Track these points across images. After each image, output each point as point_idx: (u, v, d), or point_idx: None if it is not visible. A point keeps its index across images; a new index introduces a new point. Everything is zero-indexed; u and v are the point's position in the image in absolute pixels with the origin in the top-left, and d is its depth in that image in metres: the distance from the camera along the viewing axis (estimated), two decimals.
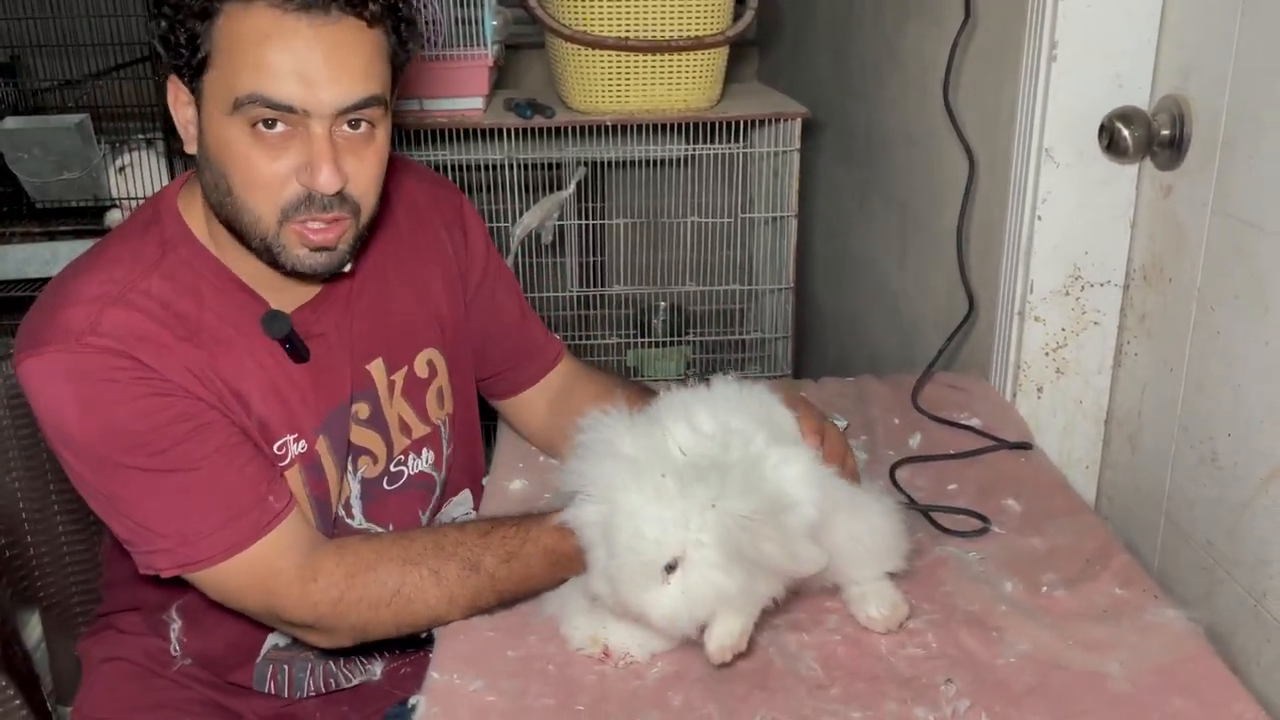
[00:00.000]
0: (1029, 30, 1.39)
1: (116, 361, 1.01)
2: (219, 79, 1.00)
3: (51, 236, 2.14)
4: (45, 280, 1.10)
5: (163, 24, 1.00)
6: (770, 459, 0.93)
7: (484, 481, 1.34)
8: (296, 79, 0.98)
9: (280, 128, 1.00)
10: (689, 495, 0.89)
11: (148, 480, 1.02)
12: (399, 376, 1.23)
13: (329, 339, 1.16)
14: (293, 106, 0.98)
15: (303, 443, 1.14)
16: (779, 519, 0.89)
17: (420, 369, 1.25)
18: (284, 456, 1.13)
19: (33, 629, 1.43)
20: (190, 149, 1.06)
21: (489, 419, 1.44)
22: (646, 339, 2.43)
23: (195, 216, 1.11)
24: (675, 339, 2.40)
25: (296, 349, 1.12)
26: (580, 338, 2.37)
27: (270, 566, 1.04)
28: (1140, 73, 1.35)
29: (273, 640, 1.23)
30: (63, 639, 1.40)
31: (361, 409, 1.20)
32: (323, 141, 1.00)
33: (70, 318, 1.02)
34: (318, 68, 0.98)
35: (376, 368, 1.21)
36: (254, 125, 0.99)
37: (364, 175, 1.05)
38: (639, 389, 1.40)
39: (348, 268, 1.12)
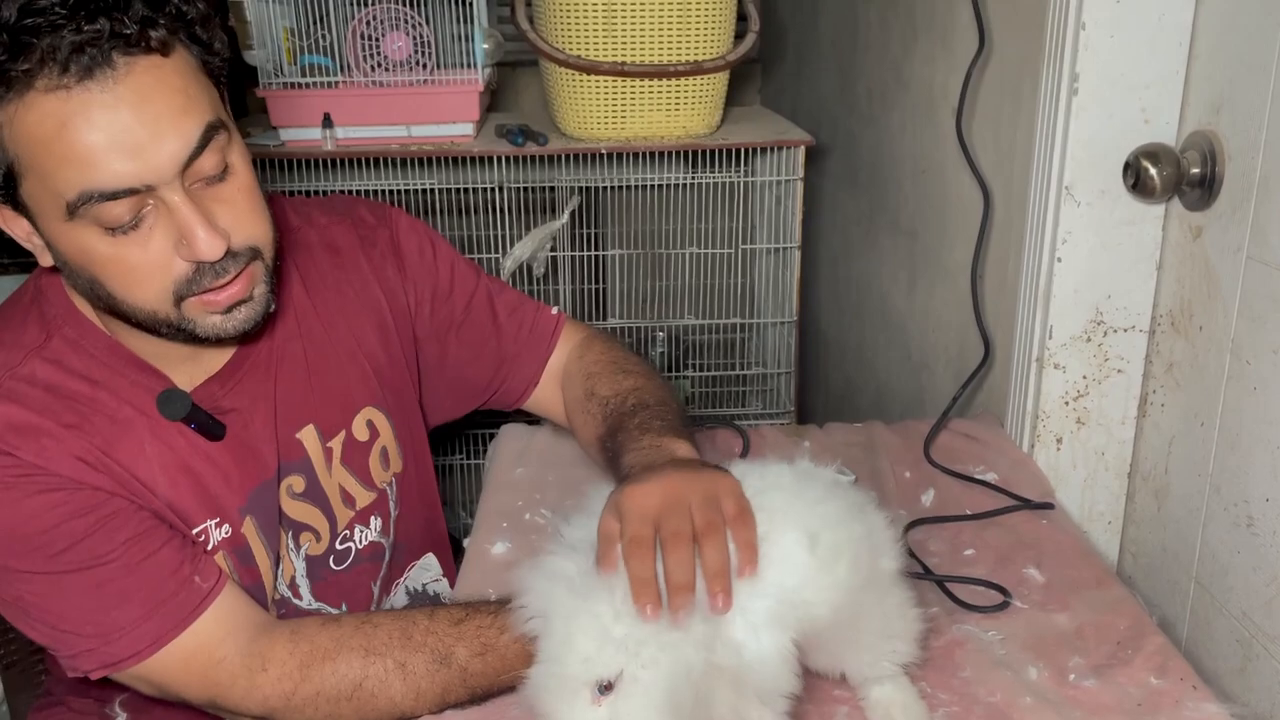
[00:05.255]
0: (1047, 61, 1.30)
1: None
2: (37, 188, 0.85)
3: None
4: None
5: None
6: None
7: (465, 543, 1.25)
8: (120, 154, 0.82)
9: (129, 218, 0.86)
10: (652, 626, 0.78)
11: (52, 583, 0.92)
12: (336, 443, 1.12)
13: (244, 412, 1.05)
14: (132, 188, 0.84)
15: (226, 527, 1.04)
16: (738, 677, 0.79)
17: (359, 431, 1.15)
18: (205, 544, 1.03)
19: None
20: (46, 262, 0.93)
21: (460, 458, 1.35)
22: None
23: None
24: (674, 373, 2.31)
25: (206, 427, 1.01)
26: None
27: (209, 655, 0.94)
28: (1168, 106, 1.26)
29: None
30: (24, 697, 1.33)
31: (296, 482, 1.09)
32: (185, 207, 0.86)
33: None
34: (135, 131, 0.82)
35: (308, 435, 1.10)
36: (103, 226, 0.85)
37: (242, 217, 0.92)
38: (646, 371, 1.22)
39: (272, 308, 1.00)
